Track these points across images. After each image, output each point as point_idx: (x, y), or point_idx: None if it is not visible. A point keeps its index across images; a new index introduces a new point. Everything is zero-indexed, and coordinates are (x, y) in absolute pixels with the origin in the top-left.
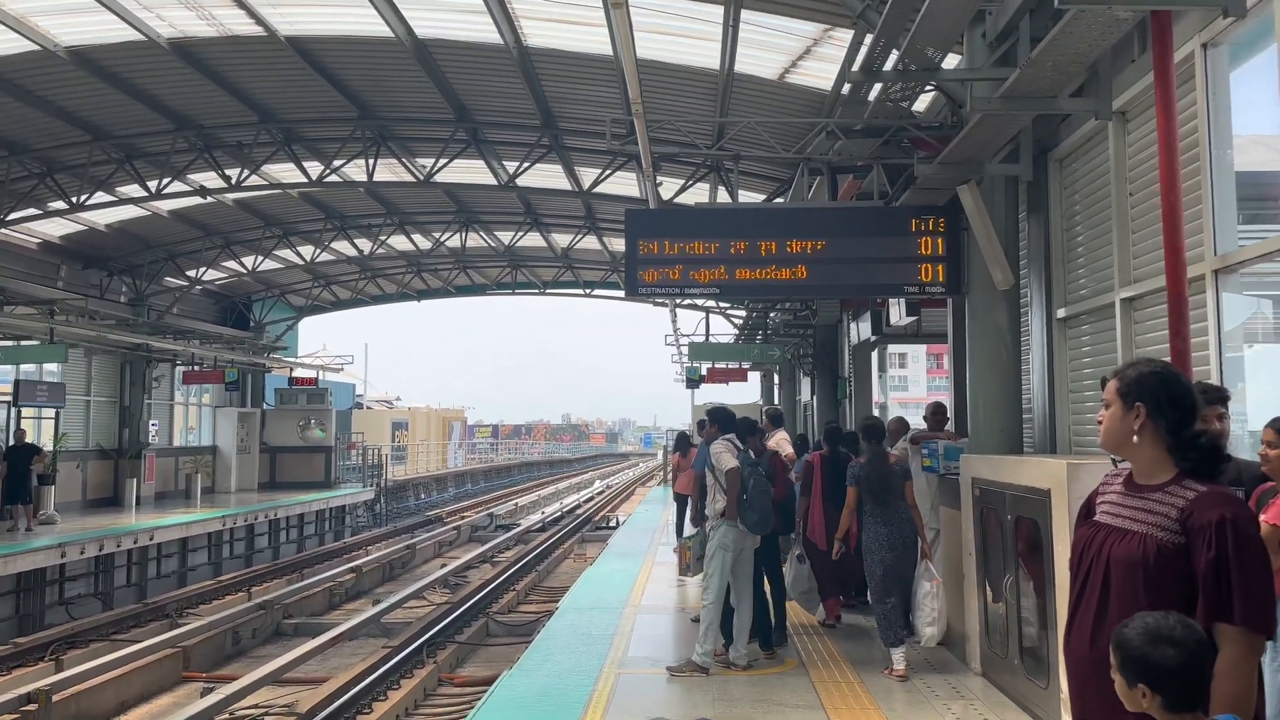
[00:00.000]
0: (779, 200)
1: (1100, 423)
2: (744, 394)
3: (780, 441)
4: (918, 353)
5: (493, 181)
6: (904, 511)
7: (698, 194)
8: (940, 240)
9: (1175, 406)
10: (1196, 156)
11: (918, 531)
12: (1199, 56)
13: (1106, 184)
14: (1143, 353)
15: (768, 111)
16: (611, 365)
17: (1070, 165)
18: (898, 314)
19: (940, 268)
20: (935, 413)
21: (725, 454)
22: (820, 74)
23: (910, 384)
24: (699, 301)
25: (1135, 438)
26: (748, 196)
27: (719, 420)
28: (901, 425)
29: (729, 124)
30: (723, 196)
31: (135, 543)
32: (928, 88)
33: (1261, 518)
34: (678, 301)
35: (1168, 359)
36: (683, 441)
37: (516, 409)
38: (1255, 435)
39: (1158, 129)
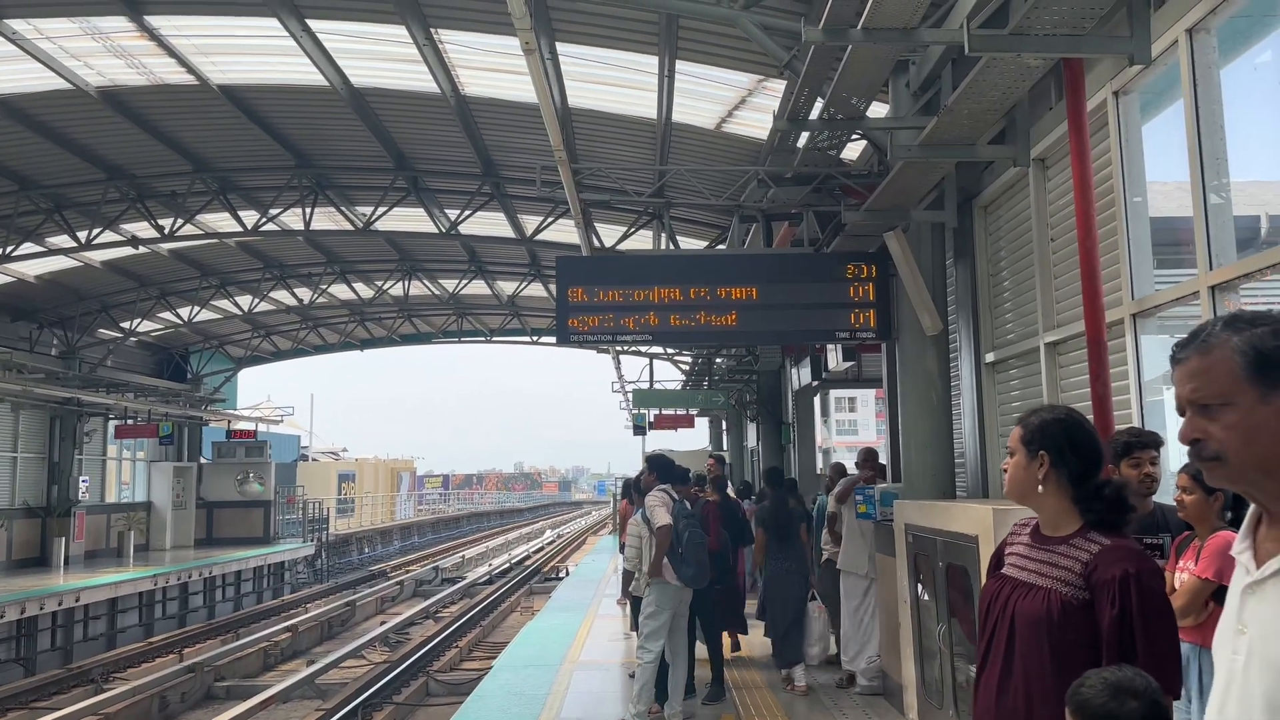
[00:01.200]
0: (721, 247)
1: (1005, 471)
2: (693, 440)
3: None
4: (867, 396)
5: (434, 229)
6: (800, 548)
7: (641, 241)
8: (870, 286)
9: (1079, 455)
10: (1112, 202)
11: (808, 566)
12: (1111, 104)
13: (1028, 229)
14: (1067, 397)
15: (707, 160)
16: (566, 412)
17: (994, 212)
18: (835, 359)
19: (870, 313)
20: (866, 459)
21: (659, 508)
22: (756, 123)
23: (860, 427)
24: (642, 348)
25: (1040, 487)
26: (690, 244)
27: (656, 468)
28: (839, 470)
29: (667, 171)
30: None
31: (60, 604)
32: (854, 136)
33: (1188, 569)
34: (619, 348)
35: (1087, 404)
36: (631, 489)
37: (468, 458)
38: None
39: (1073, 175)
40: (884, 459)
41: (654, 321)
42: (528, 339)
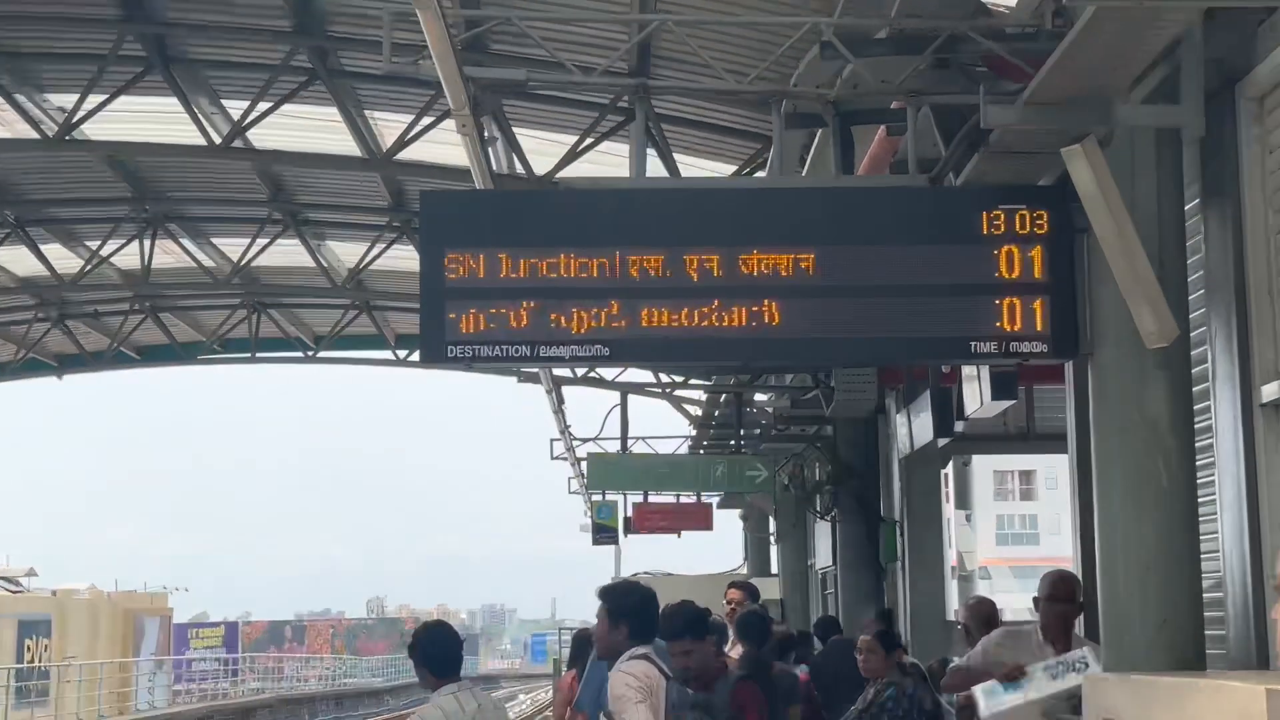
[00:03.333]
0: (760, 174)
1: (1275, 622)
2: (711, 551)
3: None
4: (1057, 467)
5: (201, 140)
6: None
7: (607, 164)
8: (1038, 252)
9: None
10: None
11: None
12: None
13: None
14: None
15: (726, 4)
16: (470, 499)
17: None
18: (979, 395)
19: (1039, 305)
20: (1054, 593)
21: (628, 698)
22: None
23: (1044, 527)
24: (603, 373)
25: None
26: (695, 168)
27: (623, 609)
28: (984, 611)
29: (652, 27)
30: (657, 170)
31: None
32: None
33: None
34: (549, 372)
35: None
36: (583, 650)
37: (278, 591)
38: None
39: None
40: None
41: (616, 320)
42: (388, 355)
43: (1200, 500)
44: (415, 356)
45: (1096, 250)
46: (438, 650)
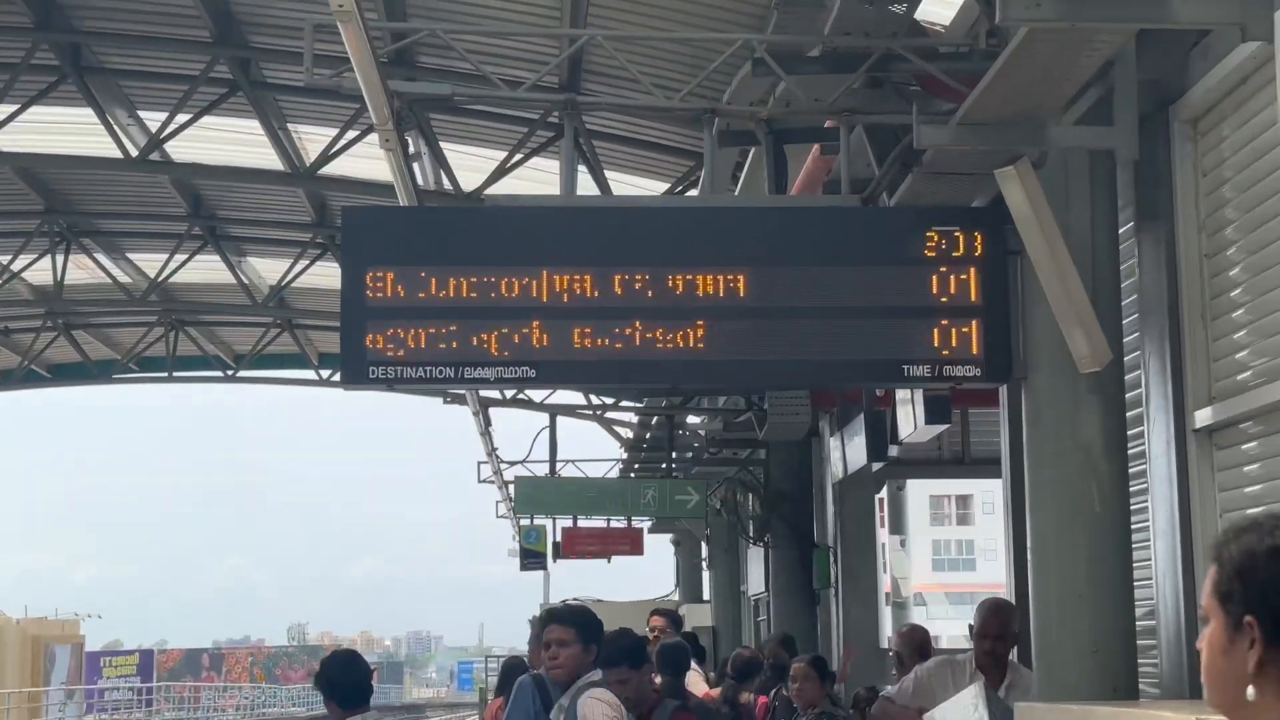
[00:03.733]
0: (691, 194)
1: (1200, 651)
2: (643, 577)
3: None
4: (994, 491)
5: (117, 152)
6: None
7: (536, 180)
8: (971, 274)
9: None
10: None
11: None
12: None
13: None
14: None
15: (657, 19)
16: (404, 523)
17: (1212, 130)
18: (912, 419)
19: (973, 327)
20: (983, 629)
21: None
22: None
23: (981, 552)
24: (531, 394)
25: (1250, 690)
26: (627, 185)
27: (594, 632)
28: (917, 639)
29: (582, 42)
30: (587, 187)
31: None
32: None
33: None
34: (474, 394)
35: None
36: (513, 678)
37: (194, 616)
38: None
39: None
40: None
41: (542, 342)
42: (311, 374)
43: (1134, 526)
44: (338, 376)
45: (1030, 273)
46: (344, 680)
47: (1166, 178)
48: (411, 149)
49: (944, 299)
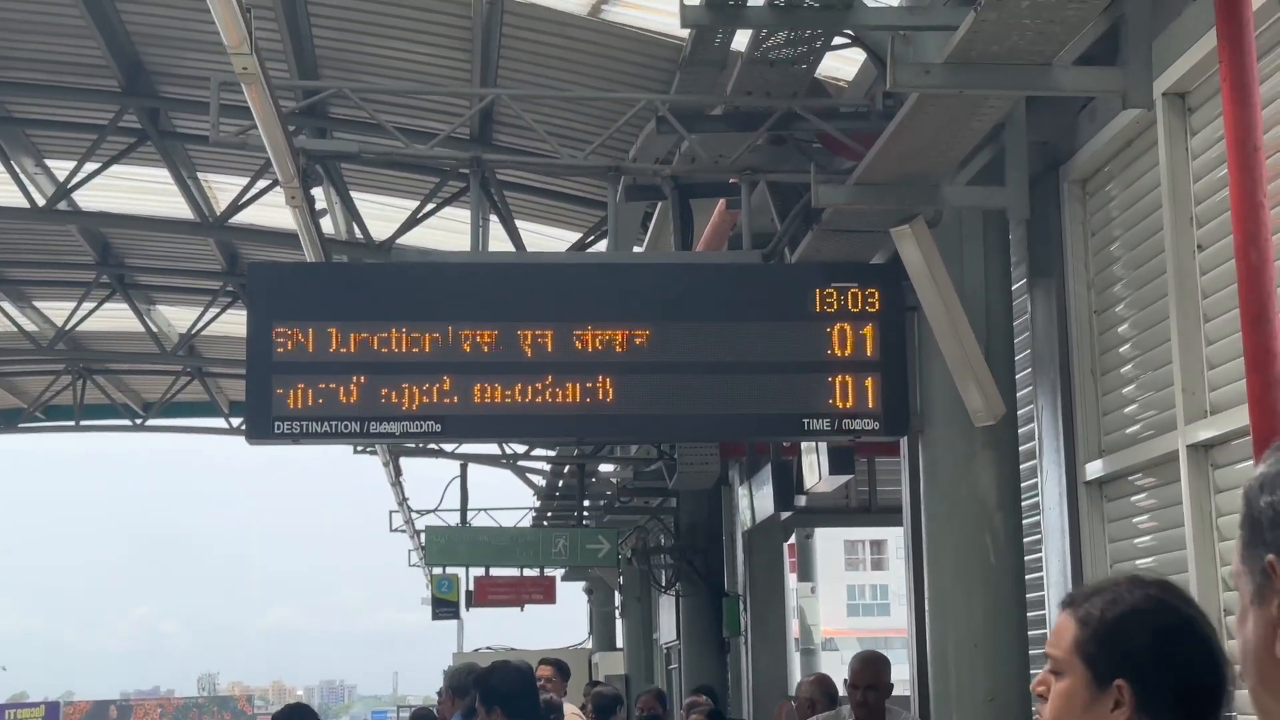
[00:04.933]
0: (598, 247)
1: (1038, 698)
2: (556, 625)
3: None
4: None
5: (24, 201)
6: None
7: (445, 233)
8: (870, 330)
9: (1187, 694)
10: None
11: None
12: None
13: (1160, 226)
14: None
15: (568, 74)
16: (316, 572)
17: (1099, 191)
18: (816, 470)
19: (871, 381)
20: (854, 680)
21: None
22: (659, 8)
23: (896, 597)
24: (439, 444)
25: None
26: (539, 238)
27: (495, 693)
28: (824, 688)
29: (492, 100)
30: (499, 236)
31: None
32: (839, 40)
33: None
34: (381, 447)
35: None
36: None
37: (106, 668)
38: None
39: (1225, 126)
40: (905, 671)
41: (448, 396)
42: (221, 422)
43: (1029, 576)
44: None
45: (926, 328)
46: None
47: (1057, 236)
48: (320, 203)
49: (843, 354)
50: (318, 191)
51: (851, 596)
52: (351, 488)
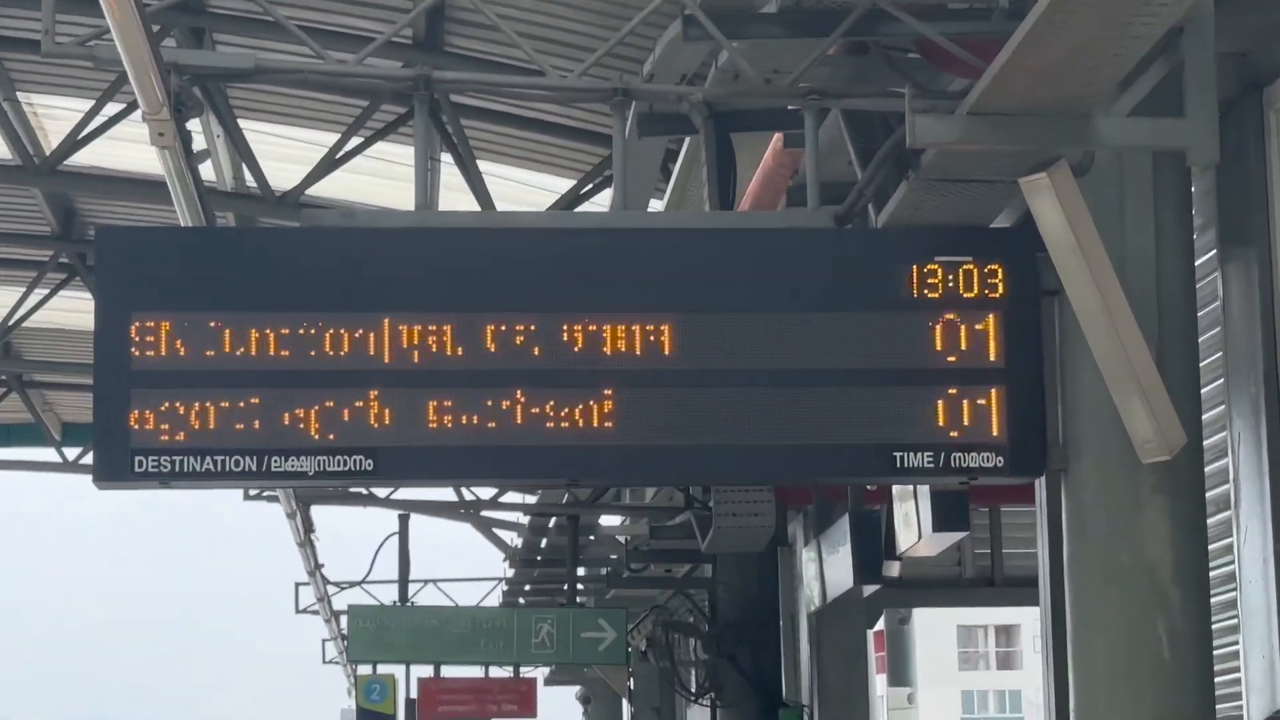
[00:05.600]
0: (595, 202)
1: None
2: None
3: None
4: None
5: None
6: None
7: (386, 176)
8: (989, 325)
9: None
10: None
11: None
12: None
13: None
14: None
15: None
16: (188, 667)
17: None
18: (915, 525)
19: (991, 400)
20: None
21: None
22: None
23: (1034, 708)
24: (374, 489)
25: None
26: (533, 195)
27: None
28: None
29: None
30: (455, 199)
31: None
32: None
33: None
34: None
35: None
36: None
37: None
38: None
39: None
40: None
41: (382, 419)
42: (51, 454)
43: (1217, 675)
44: (89, 459)
45: (1072, 322)
46: None
47: (1260, 188)
48: (200, 141)
49: (951, 358)
50: (194, 125)
51: (969, 707)
52: (241, 550)
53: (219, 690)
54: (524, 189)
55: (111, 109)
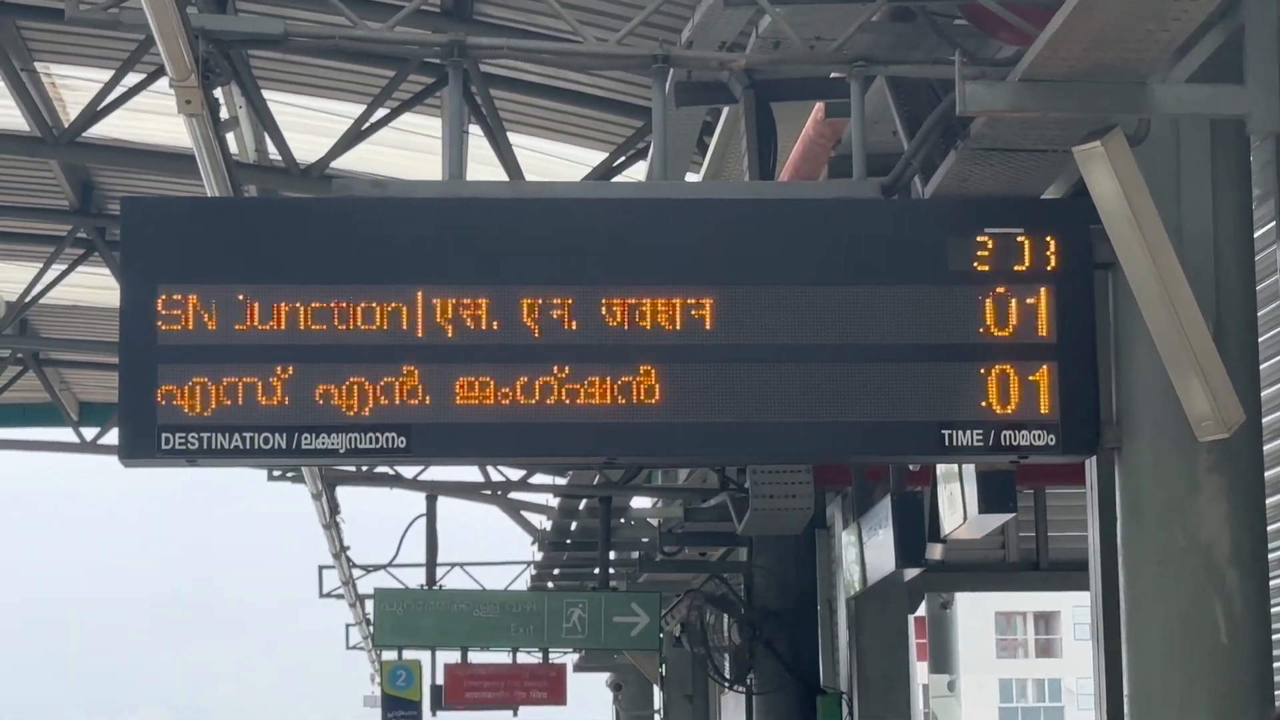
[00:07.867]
0: (631, 173)
1: None
2: None
3: None
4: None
5: None
6: None
7: (416, 149)
8: (1041, 299)
9: None
10: None
11: None
12: None
13: None
14: None
15: None
16: (210, 651)
17: None
18: (960, 506)
19: (1041, 376)
20: None
21: None
22: None
23: (1074, 698)
24: (400, 470)
25: None
26: (567, 167)
27: None
28: None
29: None
30: (482, 172)
31: None
32: None
33: None
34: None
35: None
36: None
37: None
38: None
39: None
40: None
41: (415, 396)
42: (68, 434)
43: (1277, 660)
44: (111, 438)
45: (1127, 296)
46: None
47: None
48: (225, 111)
49: (1001, 332)
50: (217, 95)
51: (1007, 695)
52: (264, 532)
53: (241, 671)
54: (554, 161)
55: (131, 79)
